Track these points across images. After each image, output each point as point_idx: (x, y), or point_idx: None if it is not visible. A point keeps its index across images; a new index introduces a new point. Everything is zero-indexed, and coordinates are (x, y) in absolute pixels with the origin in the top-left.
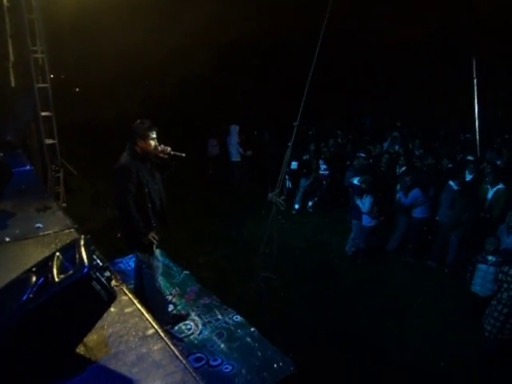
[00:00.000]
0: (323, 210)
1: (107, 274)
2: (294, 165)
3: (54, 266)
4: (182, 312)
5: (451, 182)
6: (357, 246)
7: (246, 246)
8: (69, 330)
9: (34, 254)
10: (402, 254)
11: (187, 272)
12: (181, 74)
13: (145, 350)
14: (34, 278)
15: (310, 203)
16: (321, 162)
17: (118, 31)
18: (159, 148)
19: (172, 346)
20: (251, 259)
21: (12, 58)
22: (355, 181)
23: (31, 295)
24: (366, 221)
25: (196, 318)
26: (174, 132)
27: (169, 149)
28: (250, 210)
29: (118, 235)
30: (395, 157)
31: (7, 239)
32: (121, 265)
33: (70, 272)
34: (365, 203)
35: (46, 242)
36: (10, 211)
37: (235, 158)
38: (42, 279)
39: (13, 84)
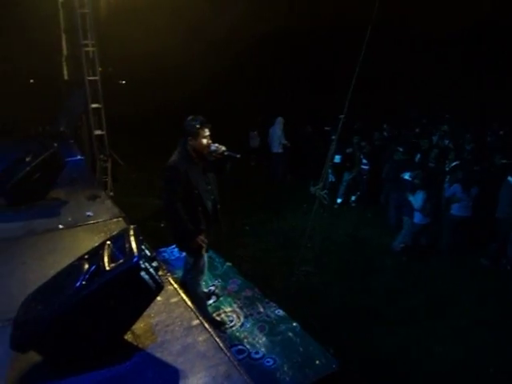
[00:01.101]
0: (366, 205)
1: (155, 263)
2: (338, 158)
3: (105, 255)
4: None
5: (510, 178)
6: (406, 242)
7: (286, 238)
8: (118, 317)
9: (85, 241)
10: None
11: (229, 264)
12: (221, 66)
13: (190, 341)
14: (86, 266)
15: (353, 197)
16: (362, 156)
17: (159, 27)
18: (212, 147)
19: (217, 338)
20: (291, 252)
21: (65, 52)
22: (406, 176)
23: (84, 282)
24: (418, 218)
25: (238, 310)
26: (215, 124)
27: (223, 148)
28: (290, 202)
29: (162, 225)
30: (445, 151)
31: (61, 226)
32: (165, 254)
33: (120, 261)
34: (417, 199)
35: (96, 229)
36: (62, 199)
37: (276, 149)
38: (94, 267)
39: (66, 77)
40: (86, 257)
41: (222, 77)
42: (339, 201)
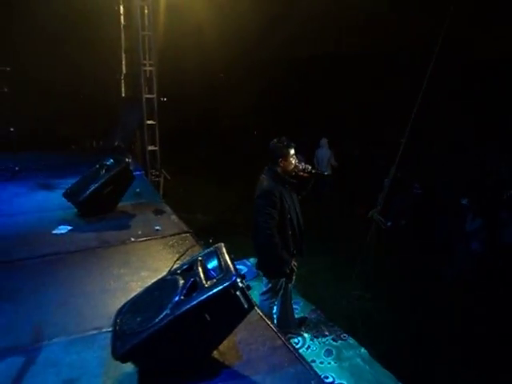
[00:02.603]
0: (417, 229)
1: (245, 282)
2: (388, 181)
3: (200, 271)
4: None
5: None
6: (460, 272)
7: (336, 261)
8: (211, 333)
9: (157, 254)
10: None
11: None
12: (262, 88)
13: (276, 361)
14: (181, 281)
15: (403, 221)
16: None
17: (204, 48)
18: (300, 166)
19: (303, 361)
20: (343, 276)
21: (124, 71)
22: (464, 201)
23: (182, 297)
24: (475, 246)
25: (303, 333)
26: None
27: (310, 167)
28: (339, 224)
29: (210, 241)
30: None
31: (132, 239)
32: None
33: (219, 278)
34: (474, 226)
35: (165, 243)
36: (130, 212)
37: (325, 170)
38: (191, 282)
39: (123, 94)
40: (179, 271)
41: (266, 97)
42: (389, 224)
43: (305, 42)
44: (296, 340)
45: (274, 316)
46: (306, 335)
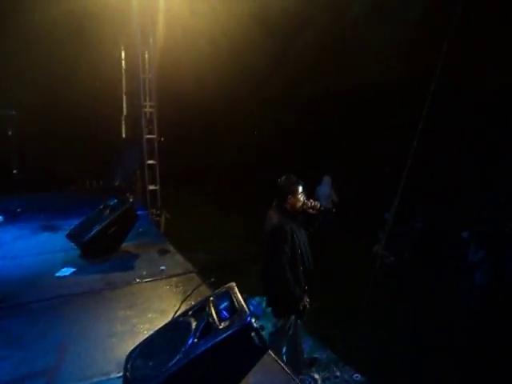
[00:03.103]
0: (420, 263)
1: (258, 322)
2: (388, 215)
3: (213, 312)
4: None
5: None
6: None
7: (341, 298)
8: (226, 376)
9: (163, 295)
10: None
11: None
12: (266, 122)
13: None
14: (194, 322)
15: (407, 254)
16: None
17: (205, 85)
18: (309, 203)
19: None
20: (350, 312)
21: (124, 112)
22: (464, 234)
23: (196, 340)
24: (479, 278)
25: (313, 374)
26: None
27: (318, 204)
28: (343, 258)
29: (212, 279)
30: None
31: (137, 280)
32: None
33: (233, 319)
34: (477, 258)
35: (171, 284)
36: (134, 253)
37: (326, 204)
38: (204, 324)
39: (124, 135)
40: (190, 313)
41: (268, 134)
42: (392, 259)
43: (305, 81)
44: (307, 382)
45: (283, 356)
46: (316, 376)
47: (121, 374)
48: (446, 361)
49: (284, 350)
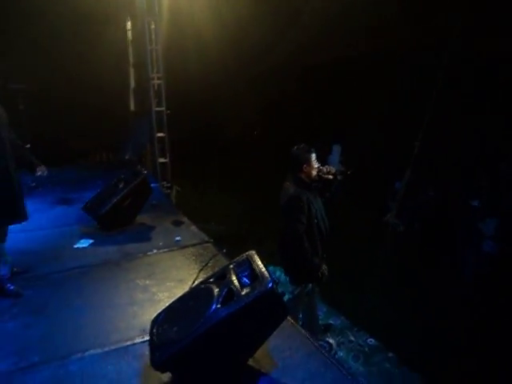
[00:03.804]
0: (431, 233)
1: (279, 288)
2: (399, 185)
3: (234, 279)
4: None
5: None
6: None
7: (352, 266)
8: (248, 340)
9: (180, 264)
10: None
11: None
12: (272, 94)
13: (313, 368)
14: (216, 289)
15: (416, 224)
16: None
17: (207, 57)
18: (324, 169)
19: (340, 366)
20: (360, 280)
21: (132, 85)
22: (474, 203)
23: (219, 305)
24: (489, 246)
25: (328, 339)
26: (271, 155)
27: (334, 168)
28: (353, 227)
29: (224, 250)
30: None
31: (154, 251)
32: None
33: (254, 285)
34: (489, 226)
35: (188, 253)
36: (149, 224)
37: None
38: (226, 291)
39: (132, 108)
40: (211, 280)
41: (275, 107)
42: (402, 228)
43: (311, 50)
44: (323, 346)
45: (300, 323)
46: (331, 341)
47: (145, 339)
48: (453, 331)
49: (300, 316)
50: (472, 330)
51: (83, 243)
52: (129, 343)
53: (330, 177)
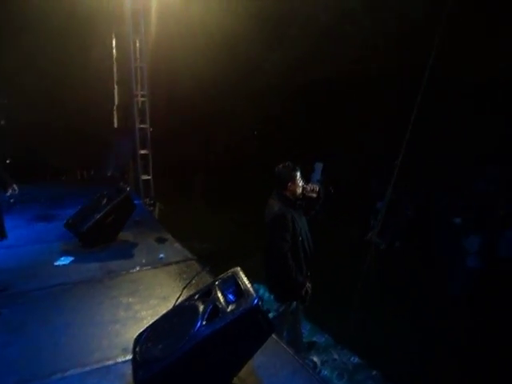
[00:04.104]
0: (412, 251)
1: (265, 305)
2: (381, 204)
3: (219, 296)
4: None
5: None
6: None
7: (335, 283)
8: (233, 358)
9: (164, 282)
10: None
11: None
12: (260, 114)
13: None
14: (201, 306)
15: (398, 242)
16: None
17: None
18: (308, 188)
19: None
20: (343, 298)
21: (116, 102)
22: (457, 220)
23: (204, 322)
24: (472, 262)
25: (312, 357)
26: (256, 174)
27: (318, 187)
28: (335, 245)
29: (208, 269)
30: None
31: (138, 268)
32: None
33: (240, 302)
34: (471, 242)
35: (171, 271)
36: (132, 241)
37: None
38: (211, 307)
39: (115, 125)
40: (196, 297)
41: (262, 124)
42: (383, 246)
43: (304, 68)
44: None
45: (284, 341)
46: (316, 359)
47: (127, 358)
48: (438, 346)
49: (285, 334)
50: (458, 347)
51: (64, 260)
52: (111, 362)
53: (314, 195)
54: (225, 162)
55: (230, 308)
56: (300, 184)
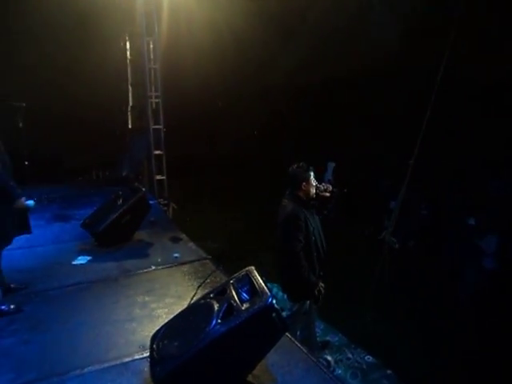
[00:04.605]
0: (426, 250)
1: (278, 304)
2: (394, 204)
3: (234, 294)
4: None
5: None
6: (474, 290)
7: (348, 283)
8: (247, 355)
9: (179, 281)
10: None
11: None
12: (268, 112)
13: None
14: (216, 305)
15: (412, 242)
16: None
17: (206, 73)
18: (321, 187)
19: (339, 382)
20: (356, 297)
21: (131, 103)
22: (470, 221)
23: (219, 320)
24: (488, 263)
25: (326, 356)
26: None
27: (331, 186)
28: (348, 245)
29: (220, 267)
30: None
31: (153, 267)
32: None
33: (254, 300)
34: (488, 243)
35: (186, 270)
36: (147, 241)
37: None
38: (226, 306)
39: (130, 126)
40: (211, 295)
41: (272, 123)
42: (397, 246)
43: (307, 68)
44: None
45: (297, 339)
46: (329, 358)
47: (144, 355)
48: (449, 347)
49: (298, 333)
50: (471, 347)
51: (81, 260)
52: (128, 359)
53: (327, 194)
54: (231, 160)
55: (244, 306)
56: (314, 184)
